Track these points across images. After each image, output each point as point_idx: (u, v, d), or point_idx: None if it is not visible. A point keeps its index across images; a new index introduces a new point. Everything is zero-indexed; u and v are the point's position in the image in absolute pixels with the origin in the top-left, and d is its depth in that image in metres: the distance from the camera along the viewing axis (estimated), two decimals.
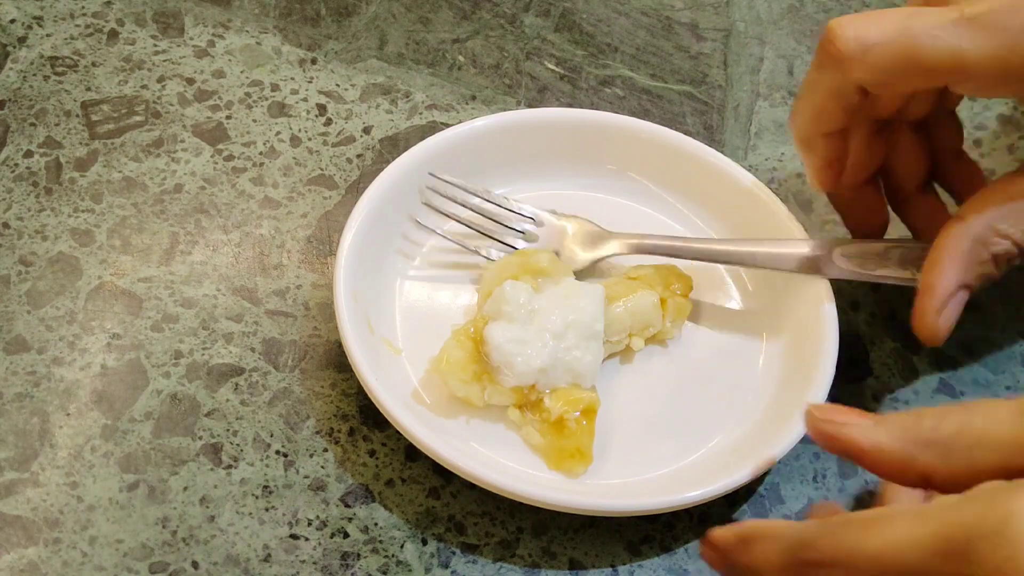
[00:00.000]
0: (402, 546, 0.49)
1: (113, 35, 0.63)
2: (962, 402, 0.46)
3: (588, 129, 0.58)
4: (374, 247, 0.53)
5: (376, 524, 0.49)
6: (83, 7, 0.64)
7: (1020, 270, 0.58)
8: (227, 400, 0.51)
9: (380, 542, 0.49)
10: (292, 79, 0.62)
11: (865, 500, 0.51)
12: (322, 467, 0.50)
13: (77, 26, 0.63)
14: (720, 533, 0.43)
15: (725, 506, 0.51)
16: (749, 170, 0.57)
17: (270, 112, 0.61)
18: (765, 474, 0.48)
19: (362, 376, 0.49)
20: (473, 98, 0.63)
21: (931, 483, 0.43)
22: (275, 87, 0.62)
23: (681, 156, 0.57)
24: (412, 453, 0.50)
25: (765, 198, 0.56)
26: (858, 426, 0.45)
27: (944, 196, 0.55)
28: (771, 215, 0.56)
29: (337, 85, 0.62)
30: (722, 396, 0.53)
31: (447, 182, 0.55)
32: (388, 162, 0.55)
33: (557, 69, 0.64)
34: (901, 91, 0.51)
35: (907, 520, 0.38)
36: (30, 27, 0.63)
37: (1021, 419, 0.41)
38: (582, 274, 0.55)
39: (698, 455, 0.51)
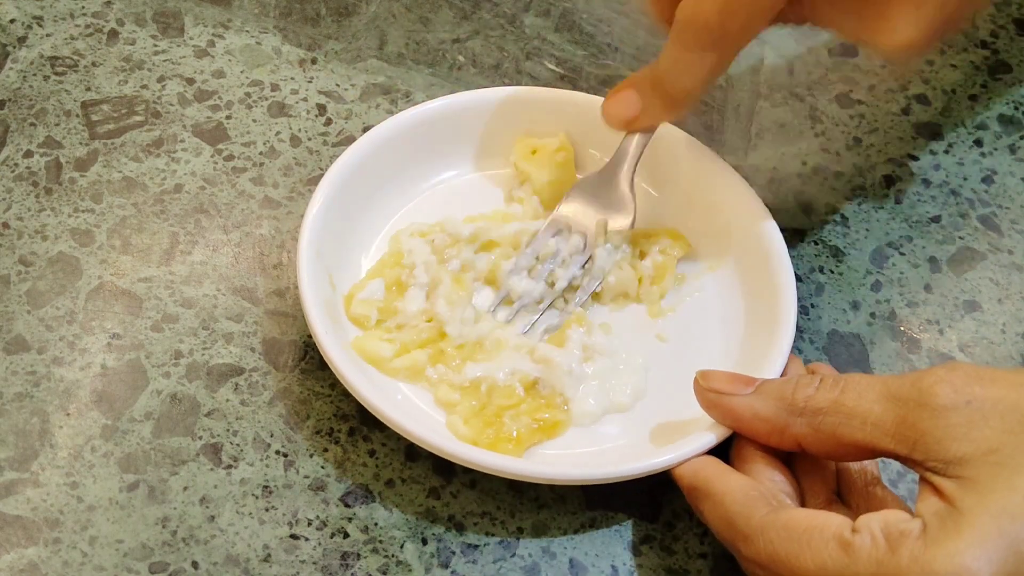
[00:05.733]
0: (402, 546, 0.49)
1: (113, 35, 0.63)
2: (840, 374, 0.47)
3: (548, 107, 0.58)
4: (345, 207, 0.54)
5: (376, 524, 0.49)
6: (83, 7, 0.64)
7: (1021, 271, 0.58)
8: (227, 400, 0.51)
9: (380, 542, 0.49)
10: (292, 79, 0.62)
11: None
12: (322, 467, 0.50)
13: (77, 26, 0.63)
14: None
15: None
16: (749, 170, 0.57)
17: (270, 112, 0.61)
18: (731, 438, 0.48)
19: (311, 322, 0.49)
20: None
21: (802, 448, 0.46)
22: (275, 87, 0.62)
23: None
24: (412, 453, 0.50)
25: (728, 177, 0.56)
26: (738, 396, 0.47)
27: None
28: (735, 193, 0.56)
29: (337, 85, 0.62)
30: (686, 365, 0.52)
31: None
32: None
33: (557, 69, 0.64)
34: None
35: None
36: (30, 27, 0.63)
37: (887, 403, 0.44)
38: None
39: (662, 422, 0.51)
